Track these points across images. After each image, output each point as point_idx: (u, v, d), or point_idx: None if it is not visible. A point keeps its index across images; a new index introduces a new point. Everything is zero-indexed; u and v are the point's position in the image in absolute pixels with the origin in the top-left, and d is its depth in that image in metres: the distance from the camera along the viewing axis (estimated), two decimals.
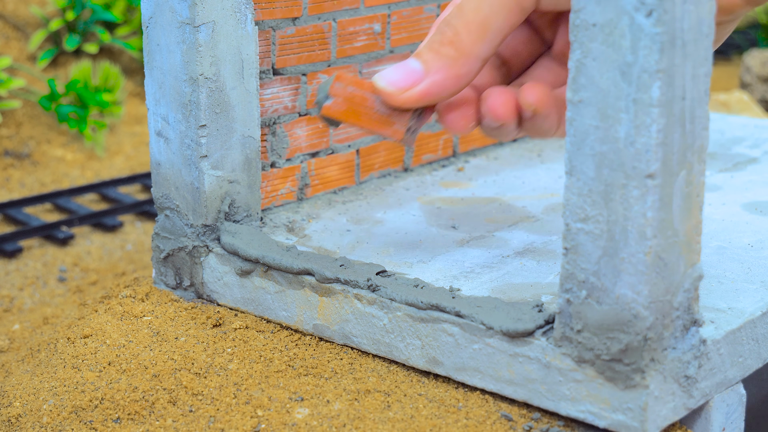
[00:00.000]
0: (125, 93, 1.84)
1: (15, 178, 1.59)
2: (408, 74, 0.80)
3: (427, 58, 0.79)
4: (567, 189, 0.69)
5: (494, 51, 0.79)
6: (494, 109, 0.81)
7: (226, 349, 0.85)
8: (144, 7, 0.90)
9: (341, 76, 0.84)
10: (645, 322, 0.68)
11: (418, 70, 0.79)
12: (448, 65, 0.79)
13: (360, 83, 0.84)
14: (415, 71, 0.79)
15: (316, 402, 0.78)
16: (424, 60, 0.79)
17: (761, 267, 0.87)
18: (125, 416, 0.79)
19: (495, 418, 0.75)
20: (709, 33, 0.66)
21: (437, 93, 0.79)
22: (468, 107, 0.82)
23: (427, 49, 0.80)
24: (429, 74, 0.79)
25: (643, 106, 0.64)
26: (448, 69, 0.79)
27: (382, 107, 0.82)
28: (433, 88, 0.79)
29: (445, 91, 0.79)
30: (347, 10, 1.02)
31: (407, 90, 0.79)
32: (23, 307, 1.22)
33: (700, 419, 0.76)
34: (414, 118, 0.82)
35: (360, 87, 0.83)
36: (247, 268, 0.88)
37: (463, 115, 0.82)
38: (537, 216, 0.99)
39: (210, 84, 0.88)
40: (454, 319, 0.77)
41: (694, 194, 0.68)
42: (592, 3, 0.65)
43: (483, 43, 0.78)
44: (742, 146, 1.20)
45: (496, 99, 0.80)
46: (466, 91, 0.83)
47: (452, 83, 0.79)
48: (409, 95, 0.80)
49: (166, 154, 0.92)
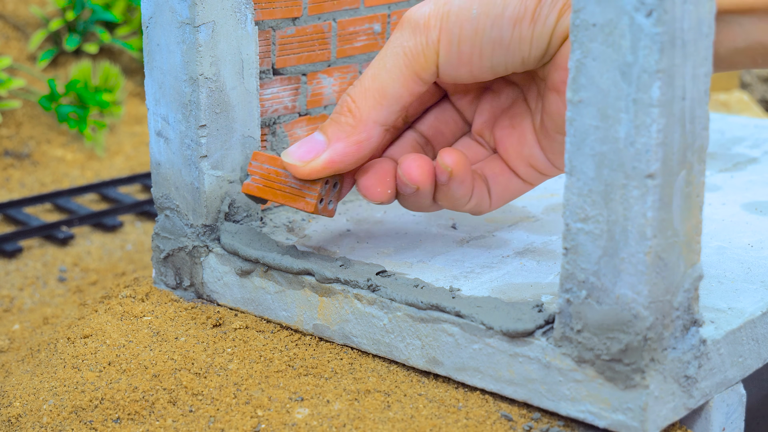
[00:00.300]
0: (125, 93, 1.84)
1: (15, 178, 1.59)
2: (311, 146, 0.82)
3: (327, 128, 0.82)
4: (567, 189, 0.69)
5: (395, 117, 0.81)
6: (409, 172, 0.83)
7: (226, 349, 0.85)
8: (144, 7, 0.90)
9: (256, 154, 0.87)
10: (645, 322, 0.68)
11: (321, 141, 0.82)
12: (347, 133, 0.81)
13: (274, 160, 0.86)
14: (318, 142, 0.82)
15: (316, 402, 0.78)
16: (325, 131, 0.82)
17: (761, 267, 0.87)
18: (125, 416, 0.79)
19: (495, 418, 0.75)
20: (709, 33, 0.66)
21: (340, 161, 0.82)
22: (385, 174, 0.84)
23: (328, 121, 0.83)
24: (330, 143, 0.82)
25: (643, 106, 0.64)
26: (348, 137, 0.81)
27: (294, 182, 0.85)
28: (335, 156, 0.81)
29: (347, 158, 0.82)
30: (347, 10, 1.02)
31: (311, 161, 0.82)
32: (23, 307, 1.22)
33: (700, 419, 0.76)
34: (324, 188, 0.84)
35: (274, 164, 0.86)
36: (247, 268, 0.88)
37: (380, 181, 0.84)
38: (537, 216, 0.99)
39: (210, 84, 0.88)
40: (454, 319, 0.77)
41: (694, 194, 0.68)
42: (592, 3, 0.65)
43: (381, 109, 0.81)
44: (742, 146, 1.20)
45: (412, 162, 0.83)
46: (386, 162, 0.85)
47: (353, 150, 0.81)
48: (313, 166, 0.82)
49: (166, 154, 0.92)
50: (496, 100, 0.87)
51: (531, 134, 0.85)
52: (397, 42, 0.80)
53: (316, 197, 0.84)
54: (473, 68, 0.80)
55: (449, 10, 0.79)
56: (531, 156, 0.85)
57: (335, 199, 0.86)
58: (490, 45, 0.79)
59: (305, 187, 0.84)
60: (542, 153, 0.85)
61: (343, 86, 1.03)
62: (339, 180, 0.86)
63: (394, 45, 0.80)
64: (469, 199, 0.85)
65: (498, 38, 0.79)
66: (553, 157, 0.85)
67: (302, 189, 0.85)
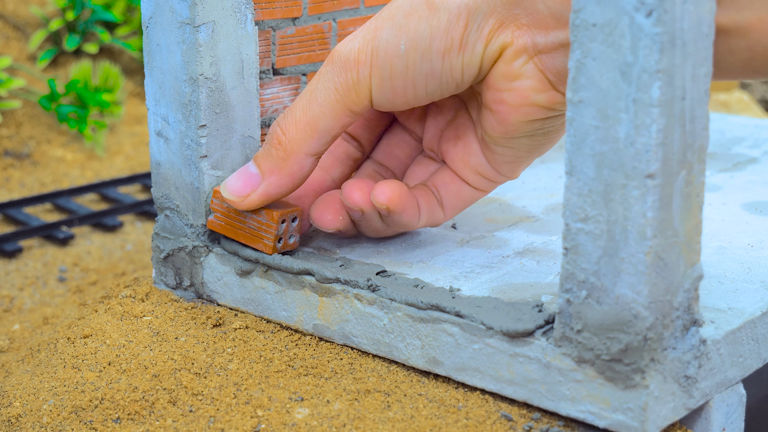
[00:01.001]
0: (125, 93, 1.84)
1: (15, 178, 1.59)
2: (246, 180, 0.84)
3: (260, 161, 0.83)
4: (567, 189, 0.69)
5: (326, 147, 0.83)
6: (351, 195, 0.85)
7: (226, 349, 0.85)
8: (144, 7, 0.90)
9: (216, 191, 0.87)
10: (645, 322, 0.68)
11: (255, 174, 0.84)
12: (279, 166, 0.83)
13: None
14: (253, 176, 0.84)
15: (316, 402, 0.78)
16: (259, 163, 0.84)
17: (761, 267, 0.87)
18: (125, 416, 0.79)
19: (495, 418, 0.75)
20: (709, 33, 0.66)
21: (276, 193, 0.83)
22: (334, 202, 0.86)
23: (261, 152, 0.84)
24: (264, 176, 0.83)
25: (643, 106, 0.64)
26: (281, 170, 0.83)
27: (252, 220, 0.86)
28: (270, 189, 0.83)
29: (282, 188, 0.83)
30: (347, 10, 1.02)
31: (248, 196, 0.84)
32: (23, 307, 1.22)
33: (700, 419, 0.76)
34: (281, 227, 0.85)
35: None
36: (247, 268, 0.88)
37: (329, 209, 0.86)
38: (537, 216, 0.99)
39: (210, 84, 0.88)
40: (454, 319, 0.77)
41: (694, 194, 0.68)
42: (592, 3, 0.65)
43: (311, 142, 0.82)
44: (742, 146, 1.20)
45: (352, 186, 0.85)
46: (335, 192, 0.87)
47: (287, 182, 0.83)
48: (251, 200, 0.84)
49: (166, 154, 0.92)
50: (440, 114, 0.88)
51: (475, 144, 0.86)
52: (328, 77, 0.81)
53: (273, 239, 0.85)
54: (408, 99, 0.81)
55: (378, 46, 0.79)
56: (477, 164, 0.86)
57: (296, 233, 0.87)
58: (422, 77, 0.80)
59: (262, 228, 0.85)
60: (486, 162, 0.86)
61: None
62: (297, 213, 0.86)
63: (325, 80, 0.81)
64: (417, 219, 0.86)
65: (429, 70, 0.79)
66: (496, 166, 0.86)
67: (259, 230, 0.86)
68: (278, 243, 0.86)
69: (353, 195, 0.84)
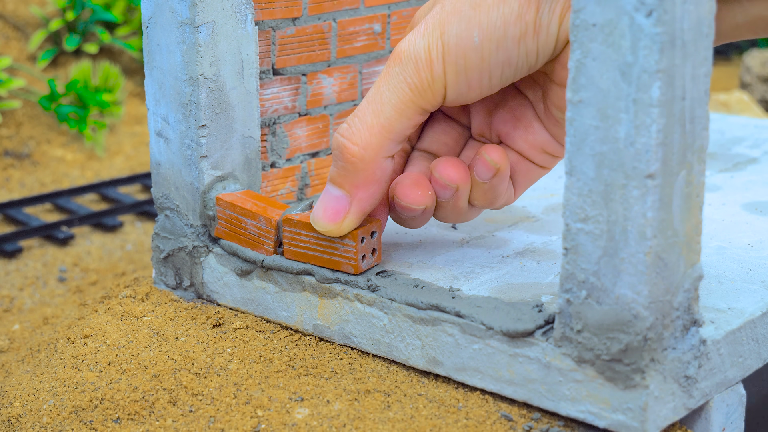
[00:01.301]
0: (125, 93, 1.84)
1: (15, 178, 1.59)
2: (334, 205, 0.81)
3: (340, 180, 0.81)
4: (567, 189, 0.69)
5: (400, 147, 0.81)
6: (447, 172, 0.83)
7: (226, 349, 0.85)
8: (144, 7, 0.90)
9: (219, 198, 0.87)
10: (645, 322, 0.68)
11: (341, 196, 0.81)
12: (362, 177, 0.80)
13: (233, 205, 0.86)
14: (339, 198, 0.81)
15: (316, 402, 0.78)
16: (340, 183, 0.81)
17: (761, 267, 0.87)
18: (125, 416, 0.79)
19: (495, 418, 0.75)
20: (709, 33, 0.66)
21: (370, 205, 0.81)
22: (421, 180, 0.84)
23: (336, 172, 0.81)
24: (351, 193, 0.81)
25: (643, 106, 0.64)
26: (365, 180, 0.80)
27: (253, 228, 0.85)
28: (363, 204, 0.81)
29: (373, 198, 0.81)
30: (347, 10, 1.02)
31: (342, 220, 0.81)
32: (23, 307, 1.22)
33: (700, 419, 0.76)
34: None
35: (233, 209, 0.87)
36: (247, 269, 0.88)
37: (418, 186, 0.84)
38: (537, 216, 0.99)
39: (210, 84, 0.88)
40: (454, 320, 0.77)
41: (694, 194, 0.68)
42: (592, 3, 0.65)
43: (388, 144, 0.80)
44: (742, 146, 1.20)
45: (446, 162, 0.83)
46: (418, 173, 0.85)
47: (375, 190, 0.81)
48: (349, 222, 0.81)
49: (166, 154, 0.92)
50: (486, 98, 0.87)
51: (536, 122, 0.85)
52: (398, 78, 0.79)
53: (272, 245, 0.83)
54: (483, 90, 0.80)
55: (448, 41, 0.78)
56: (543, 142, 0.85)
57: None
58: (498, 66, 0.79)
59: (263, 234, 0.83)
60: (552, 138, 0.85)
61: (343, 86, 1.03)
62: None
63: (395, 81, 0.79)
64: (505, 192, 0.85)
65: (505, 59, 0.78)
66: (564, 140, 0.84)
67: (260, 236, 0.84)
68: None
69: (449, 171, 0.83)
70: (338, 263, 0.83)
